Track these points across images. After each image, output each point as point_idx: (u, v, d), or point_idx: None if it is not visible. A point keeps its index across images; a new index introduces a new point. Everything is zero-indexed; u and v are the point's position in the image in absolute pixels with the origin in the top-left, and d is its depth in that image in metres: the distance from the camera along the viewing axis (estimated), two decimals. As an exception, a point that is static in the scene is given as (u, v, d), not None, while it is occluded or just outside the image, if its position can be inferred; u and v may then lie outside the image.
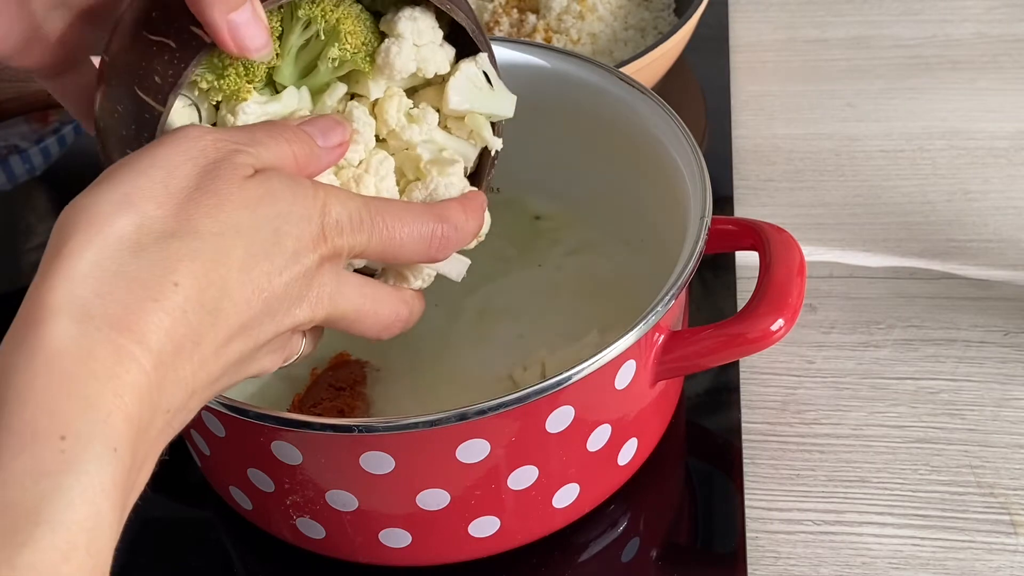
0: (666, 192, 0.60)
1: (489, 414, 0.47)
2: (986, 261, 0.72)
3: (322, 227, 0.41)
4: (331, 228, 0.42)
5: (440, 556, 0.55)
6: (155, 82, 0.43)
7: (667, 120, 0.60)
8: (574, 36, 0.83)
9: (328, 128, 0.45)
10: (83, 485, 0.32)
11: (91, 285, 0.35)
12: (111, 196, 0.37)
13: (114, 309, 0.35)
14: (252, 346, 0.40)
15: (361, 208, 0.43)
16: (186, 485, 0.62)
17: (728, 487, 0.60)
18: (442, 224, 0.46)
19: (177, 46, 0.42)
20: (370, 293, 0.46)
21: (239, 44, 0.42)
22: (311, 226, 0.41)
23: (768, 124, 0.84)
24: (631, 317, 0.50)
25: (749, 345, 0.53)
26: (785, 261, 0.55)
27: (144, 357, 0.35)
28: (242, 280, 0.39)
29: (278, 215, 0.40)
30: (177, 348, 0.36)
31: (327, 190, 0.43)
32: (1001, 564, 0.56)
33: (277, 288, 0.40)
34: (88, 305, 0.35)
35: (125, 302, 0.35)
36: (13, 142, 0.89)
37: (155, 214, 0.37)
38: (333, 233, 0.42)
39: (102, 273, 0.35)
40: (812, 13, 0.96)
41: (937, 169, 0.79)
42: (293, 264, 0.40)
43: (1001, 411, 0.63)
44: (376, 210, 0.44)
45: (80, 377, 0.34)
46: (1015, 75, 0.87)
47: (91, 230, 0.36)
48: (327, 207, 0.42)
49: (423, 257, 0.46)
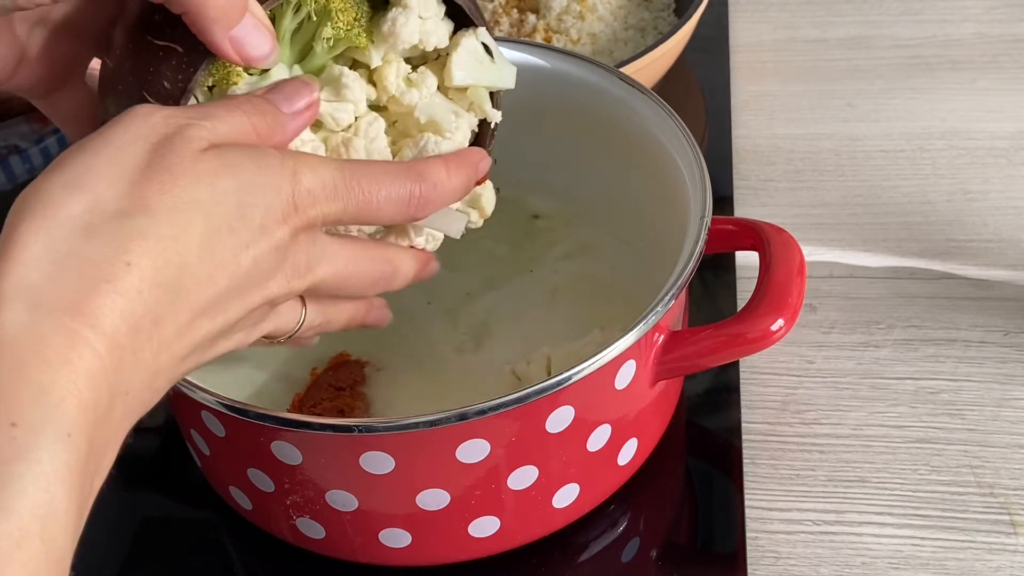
0: (666, 192, 0.60)
1: (489, 414, 0.47)
2: (986, 261, 0.72)
3: (293, 198, 0.40)
4: (303, 198, 0.41)
5: (440, 556, 0.55)
6: (164, 88, 0.42)
7: (667, 120, 0.60)
8: (574, 36, 0.83)
9: (293, 92, 0.43)
10: (35, 472, 0.32)
11: (42, 269, 0.35)
12: (61, 179, 0.37)
13: (66, 292, 0.34)
14: (222, 324, 0.40)
15: (335, 174, 0.42)
16: (186, 485, 0.62)
17: (728, 487, 0.60)
18: (419, 183, 0.44)
19: (184, 51, 0.42)
20: (349, 255, 0.45)
21: (244, 56, 0.42)
22: (279, 197, 0.40)
23: (768, 124, 0.84)
24: (631, 317, 0.50)
25: (749, 345, 0.53)
26: (785, 261, 0.55)
27: (97, 341, 0.35)
28: (203, 256, 0.38)
29: (240, 187, 0.39)
30: (133, 329, 0.36)
31: (296, 158, 0.41)
32: (1001, 564, 0.56)
33: (245, 263, 0.39)
34: (39, 290, 0.34)
35: (77, 285, 0.35)
36: (13, 142, 0.89)
37: (106, 194, 0.36)
38: (306, 203, 0.41)
39: (53, 257, 0.35)
40: (812, 13, 0.96)
41: (937, 169, 0.79)
42: (261, 238, 0.40)
43: (1001, 411, 0.63)
44: (351, 174, 0.42)
45: (32, 363, 0.33)
46: (1015, 75, 0.87)
47: (42, 214, 0.36)
48: (298, 176, 0.41)
49: (403, 218, 0.45)
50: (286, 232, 0.40)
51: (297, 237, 0.41)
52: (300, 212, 0.41)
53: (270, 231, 0.40)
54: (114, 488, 0.62)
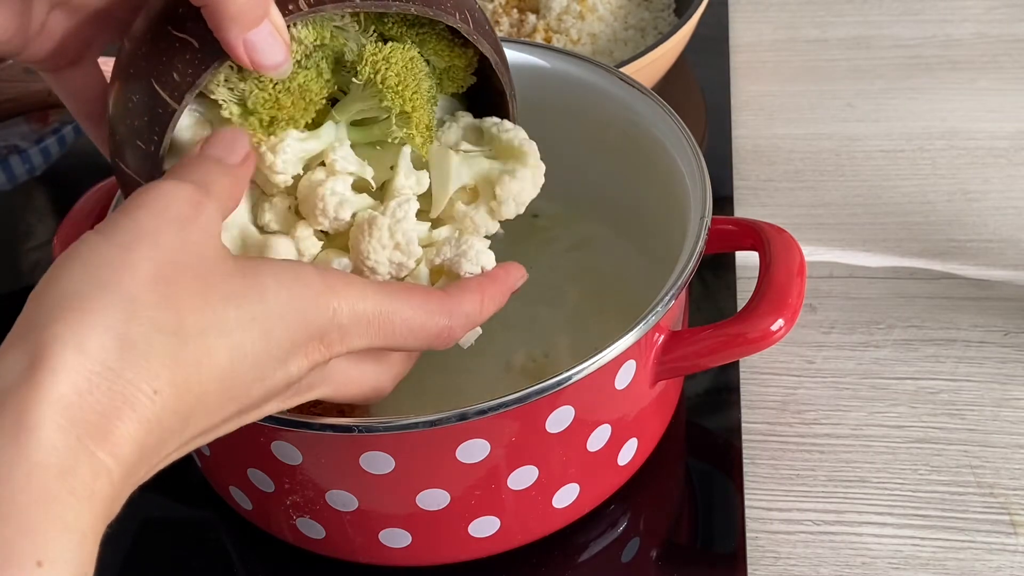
0: (666, 192, 0.60)
1: (489, 414, 0.47)
2: (986, 261, 0.72)
3: (323, 334, 0.40)
4: (334, 335, 0.40)
5: (440, 556, 0.55)
6: (173, 79, 0.42)
7: (667, 120, 0.60)
8: (574, 36, 0.83)
9: (230, 143, 0.42)
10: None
11: (77, 384, 0.33)
12: (96, 276, 0.35)
13: (93, 416, 0.33)
14: (211, 437, 0.39)
15: (372, 312, 0.41)
16: (186, 485, 0.62)
17: (728, 487, 0.60)
18: (452, 320, 0.44)
19: (200, 47, 0.42)
20: (353, 376, 0.44)
21: (255, 62, 0.42)
22: (309, 331, 0.39)
23: (768, 124, 0.84)
24: (631, 317, 0.50)
25: (749, 345, 0.53)
26: (785, 261, 0.55)
27: (116, 470, 0.34)
28: (221, 390, 0.37)
29: (268, 315, 0.38)
30: (142, 455, 0.35)
31: (336, 290, 0.40)
32: (1001, 564, 0.56)
33: (256, 395, 0.39)
34: (72, 409, 0.33)
35: (102, 407, 0.34)
36: (13, 142, 0.89)
37: (143, 300, 0.35)
38: (335, 340, 0.40)
39: (88, 371, 0.34)
40: (812, 13, 0.96)
41: (937, 169, 0.79)
42: (279, 370, 0.39)
43: (1001, 411, 0.63)
44: (388, 315, 0.42)
45: (60, 497, 0.32)
46: (1015, 75, 0.87)
47: (79, 320, 0.34)
48: (335, 313, 0.40)
49: (424, 348, 0.45)
50: (305, 367, 0.40)
51: (314, 369, 0.41)
52: (326, 349, 0.40)
53: (289, 365, 0.39)
54: (114, 488, 0.62)
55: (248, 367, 0.38)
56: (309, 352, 0.40)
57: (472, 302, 0.45)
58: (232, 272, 0.38)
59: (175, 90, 0.42)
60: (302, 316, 0.39)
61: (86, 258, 0.36)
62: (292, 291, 0.39)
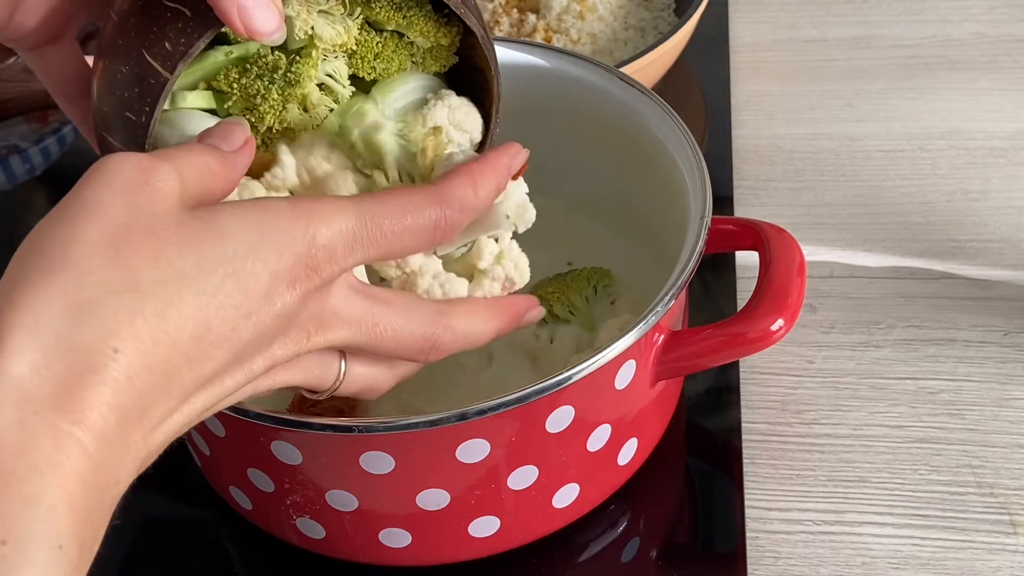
0: (666, 192, 0.60)
1: (489, 414, 0.47)
2: (986, 261, 0.72)
3: (307, 258, 0.38)
4: (321, 257, 0.38)
5: (440, 556, 0.55)
6: (165, 48, 0.41)
7: (667, 120, 0.60)
8: (574, 36, 0.83)
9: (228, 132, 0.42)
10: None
11: (31, 360, 0.33)
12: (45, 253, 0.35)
13: (51, 387, 0.32)
14: (220, 393, 0.38)
15: (354, 222, 0.39)
16: (186, 485, 0.62)
17: (728, 487, 0.60)
18: (445, 208, 0.41)
19: (192, 15, 0.41)
20: (377, 315, 0.42)
21: (250, 29, 0.40)
22: (288, 259, 0.37)
23: (768, 124, 0.84)
24: (631, 317, 0.50)
25: (749, 345, 0.53)
26: (785, 261, 0.55)
27: (86, 438, 0.33)
28: (197, 333, 0.35)
29: (234, 254, 0.36)
30: (122, 419, 0.34)
31: (309, 208, 0.38)
32: (1001, 564, 0.56)
33: (245, 335, 0.37)
34: (27, 384, 0.32)
35: (62, 377, 0.33)
36: (13, 142, 0.89)
37: (91, 264, 0.34)
38: (323, 262, 0.38)
39: (43, 344, 0.33)
40: (812, 13, 0.96)
41: (937, 169, 0.79)
42: (264, 306, 0.37)
43: (1001, 411, 0.63)
44: (371, 218, 0.40)
45: (20, 472, 0.31)
46: (1015, 75, 0.87)
47: (31, 296, 0.34)
48: (312, 232, 0.38)
49: (431, 247, 0.42)
50: (295, 297, 0.38)
51: (308, 299, 0.39)
52: (315, 273, 0.38)
53: (275, 298, 0.37)
54: (114, 488, 0.62)
55: (224, 309, 0.36)
56: (295, 281, 0.38)
57: (463, 186, 0.42)
58: (185, 221, 0.36)
59: (167, 59, 0.41)
60: (273, 245, 0.37)
61: (33, 242, 0.35)
62: (257, 225, 0.37)
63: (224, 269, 0.36)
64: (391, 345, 0.42)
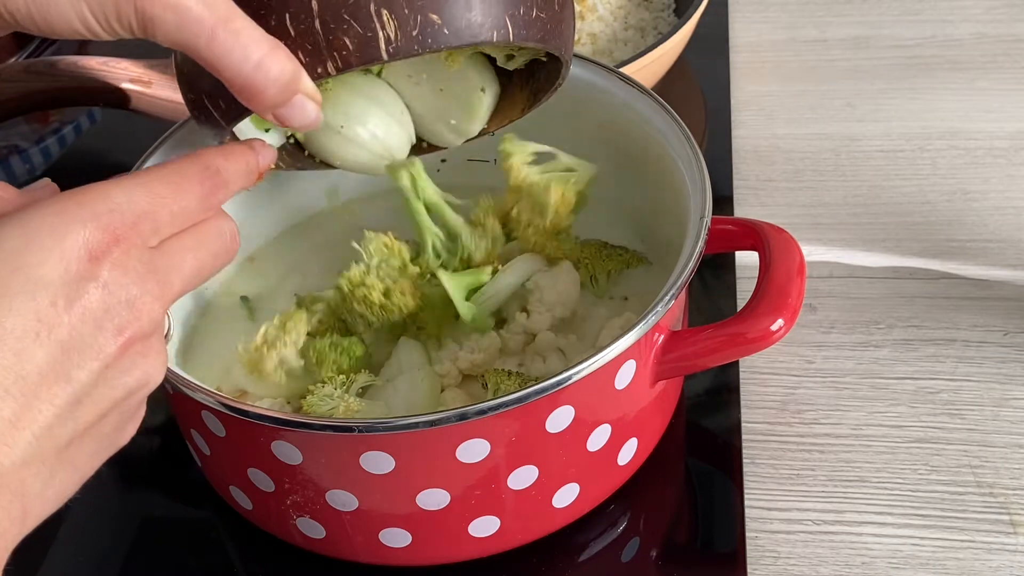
0: (666, 192, 0.60)
1: (489, 414, 0.47)
2: (986, 261, 0.72)
3: (104, 230, 0.36)
4: (118, 223, 0.37)
5: (440, 556, 0.55)
6: (220, 105, 0.46)
7: (667, 120, 0.60)
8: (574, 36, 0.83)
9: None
10: None
11: None
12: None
13: None
14: (72, 427, 0.36)
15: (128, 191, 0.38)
16: (186, 485, 0.62)
17: (728, 487, 0.60)
18: (203, 170, 0.41)
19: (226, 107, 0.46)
20: (190, 245, 0.40)
21: (286, 123, 0.43)
22: (72, 240, 0.35)
23: (768, 124, 0.85)
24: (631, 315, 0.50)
25: (749, 345, 0.53)
26: (785, 261, 0.55)
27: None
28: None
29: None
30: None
31: (81, 200, 0.36)
32: (1001, 564, 0.56)
33: (40, 362, 0.34)
34: None
35: None
36: (13, 142, 0.89)
37: None
38: (123, 231, 0.37)
39: None
40: (812, 13, 0.96)
41: (937, 169, 0.79)
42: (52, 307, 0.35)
43: (1001, 411, 0.63)
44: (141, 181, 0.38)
45: None
46: (1015, 75, 0.87)
47: None
48: (96, 213, 0.36)
49: (210, 208, 0.41)
50: (94, 292, 0.36)
51: (105, 283, 0.36)
52: (105, 251, 0.36)
53: (69, 295, 0.35)
54: (114, 488, 0.62)
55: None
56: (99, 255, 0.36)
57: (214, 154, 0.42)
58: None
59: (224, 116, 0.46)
60: (35, 257, 0.35)
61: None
62: (14, 242, 0.35)
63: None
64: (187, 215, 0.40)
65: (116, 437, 0.39)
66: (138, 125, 0.75)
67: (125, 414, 0.39)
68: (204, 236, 0.41)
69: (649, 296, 0.52)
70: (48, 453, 0.35)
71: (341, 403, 0.54)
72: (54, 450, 0.35)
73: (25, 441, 0.34)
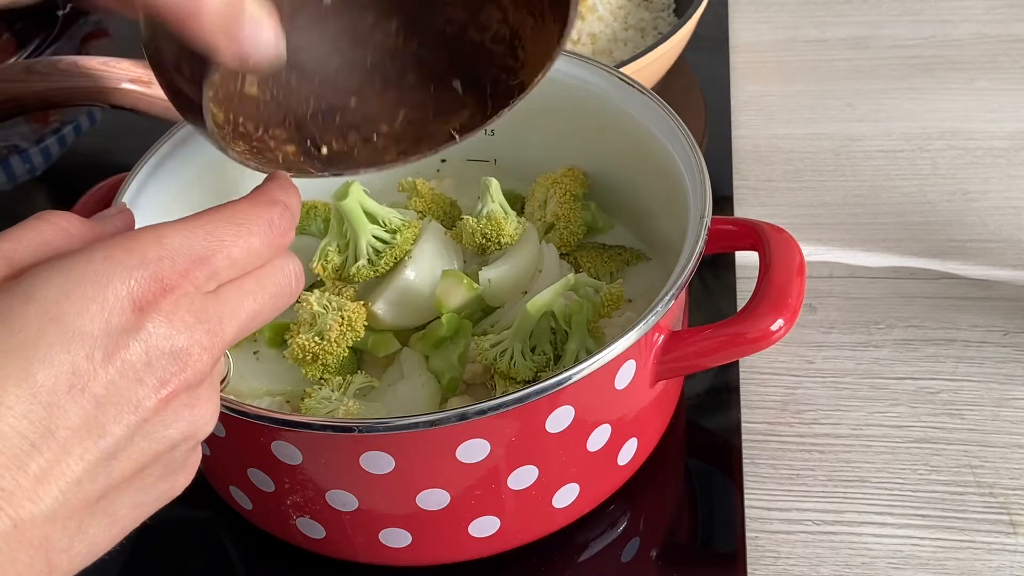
0: (666, 192, 0.60)
1: (489, 414, 0.47)
2: (986, 261, 0.72)
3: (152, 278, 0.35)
4: (167, 271, 0.35)
5: (440, 556, 0.55)
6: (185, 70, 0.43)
7: (667, 120, 0.60)
8: (574, 36, 0.83)
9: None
10: None
11: None
12: None
13: None
14: (107, 479, 0.34)
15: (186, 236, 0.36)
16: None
17: (728, 487, 0.60)
18: (271, 206, 0.40)
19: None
20: (249, 289, 0.38)
21: (248, 51, 0.40)
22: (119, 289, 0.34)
23: (768, 124, 0.85)
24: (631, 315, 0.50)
25: (749, 345, 0.53)
26: (785, 261, 0.55)
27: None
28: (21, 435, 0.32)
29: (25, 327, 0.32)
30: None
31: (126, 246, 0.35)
32: (1001, 564, 0.56)
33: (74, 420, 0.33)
34: None
35: None
36: (13, 142, 0.89)
37: None
38: (171, 276, 0.35)
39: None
40: (812, 13, 0.96)
41: (937, 169, 0.79)
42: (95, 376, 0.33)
43: (1001, 411, 0.63)
44: (200, 226, 0.37)
45: None
46: (1015, 75, 0.87)
47: None
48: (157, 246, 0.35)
49: (277, 248, 0.40)
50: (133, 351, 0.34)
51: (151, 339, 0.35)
52: (166, 290, 0.35)
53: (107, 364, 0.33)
54: (114, 488, 0.62)
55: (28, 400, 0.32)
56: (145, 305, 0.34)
57: (274, 188, 0.40)
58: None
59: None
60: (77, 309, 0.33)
61: None
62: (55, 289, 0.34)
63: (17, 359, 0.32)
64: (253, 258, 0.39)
65: (164, 487, 0.38)
66: (138, 125, 0.76)
67: (172, 465, 0.37)
68: (265, 279, 0.39)
69: (649, 296, 0.52)
70: (77, 508, 0.34)
71: (340, 406, 0.54)
72: (84, 504, 0.34)
73: (52, 497, 0.33)
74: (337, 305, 0.57)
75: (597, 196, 0.67)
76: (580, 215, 0.64)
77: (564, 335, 0.57)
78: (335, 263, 0.60)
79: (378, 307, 0.58)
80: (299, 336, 0.56)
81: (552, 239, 0.64)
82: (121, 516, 0.36)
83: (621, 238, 0.67)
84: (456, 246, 0.62)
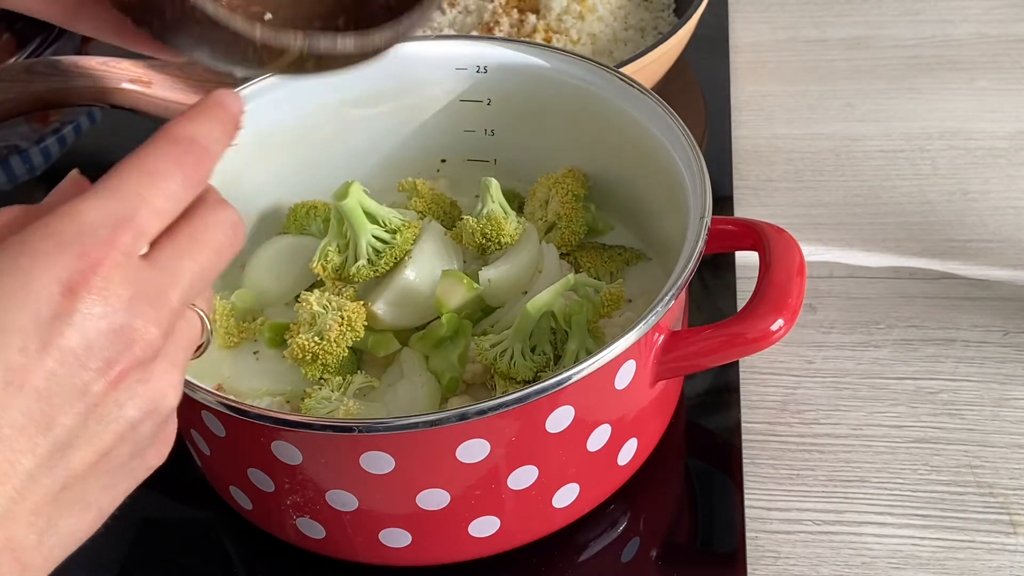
0: (666, 192, 0.60)
1: (489, 414, 0.47)
2: (986, 261, 0.72)
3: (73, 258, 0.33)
4: (88, 243, 0.34)
5: (440, 556, 0.55)
6: None
7: (667, 120, 0.60)
8: (574, 36, 0.83)
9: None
10: None
11: None
12: None
13: None
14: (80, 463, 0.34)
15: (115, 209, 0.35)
16: (186, 485, 0.62)
17: (728, 487, 0.60)
18: (174, 145, 0.37)
19: None
20: (186, 248, 0.37)
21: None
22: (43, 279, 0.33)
23: (768, 124, 0.84)
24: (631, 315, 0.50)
25: (749, 345, 0.53)
26: (785, 261, 0.55)
27: None
28: None
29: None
30: None
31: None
32: (1001, 564, 0.56)
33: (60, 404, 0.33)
34: None
35: None
36: (13, 142, 0.89)
37: None
38: (93, 246, 0.34)
39: None
40: (812, 13, 0.96)
41: (937, 169, 0.79)
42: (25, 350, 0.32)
43: (1001, 411, 0.63)
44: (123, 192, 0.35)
45: None
46: (1015, 75, 0.87)
47: None
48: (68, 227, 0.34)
49: (197, 182, 0.38)
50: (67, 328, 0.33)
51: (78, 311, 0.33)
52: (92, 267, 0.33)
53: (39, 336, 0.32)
54: (114, 488, 0.62)
55: None
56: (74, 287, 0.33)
57: (182, 124, 0.38)
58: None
59: None
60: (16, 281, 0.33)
61: None
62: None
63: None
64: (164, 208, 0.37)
65: (135, 465, 0.37)
66: (138, 125, 0.75)
67: (140, 443, 0.36)
68: (201, 234, 0.37)
69: (649, 296, 0.52)
70: (39, 503, 0.33)
71: (340, 406, 0.54)
72: (46, 499, 0.33)
73: (6, 496, 0.32)
74: (337, 305, 0.57)
75: (597, 196, 0.67)
76: (582, 215, 0.64)
77: (564, 335, 0.57)
78: (335, 263, 0.60)
79: (378, 307, 0.58)
80: (299, 336, 0.56)
81: (553, 239, 0.64)
82: (94, 501, 0.36)
83: (621, 238, 0.67)
84: (456, 246, 0.62)
